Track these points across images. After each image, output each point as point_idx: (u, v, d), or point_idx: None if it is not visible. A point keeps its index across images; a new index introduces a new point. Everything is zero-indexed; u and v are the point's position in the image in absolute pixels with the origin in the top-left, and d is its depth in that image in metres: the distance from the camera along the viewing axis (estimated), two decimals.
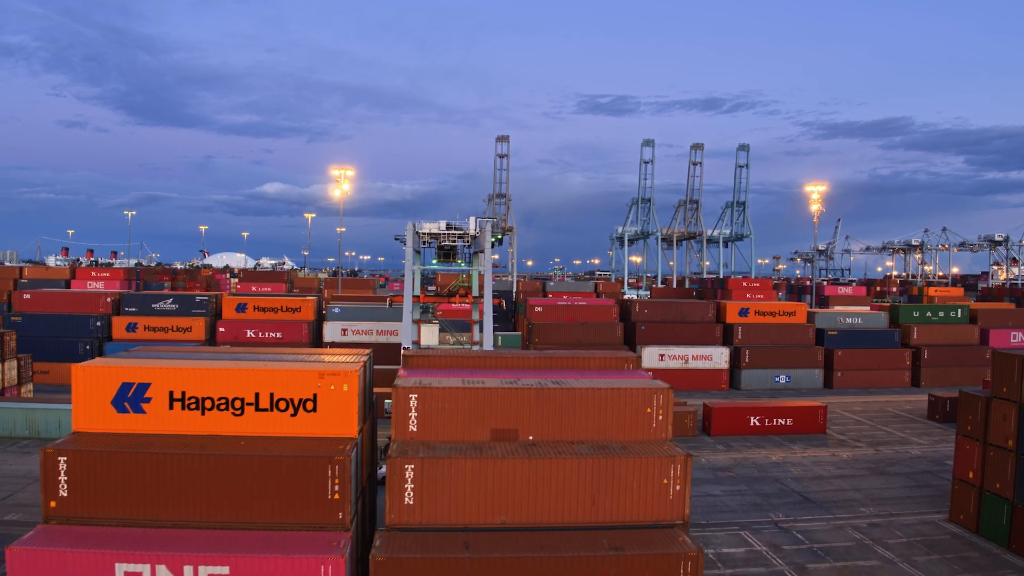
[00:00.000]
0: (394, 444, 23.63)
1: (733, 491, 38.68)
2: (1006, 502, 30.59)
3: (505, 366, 28.11)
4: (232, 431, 24.72)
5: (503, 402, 23.97)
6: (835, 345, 70.18)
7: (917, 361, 70.17)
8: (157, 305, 71.85)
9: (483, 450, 22.96)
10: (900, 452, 46.75)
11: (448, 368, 27.58)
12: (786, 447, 47.96)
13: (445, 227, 53.08)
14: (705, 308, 73.15)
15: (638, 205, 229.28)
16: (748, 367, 69.32)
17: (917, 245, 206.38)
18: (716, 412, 51.23)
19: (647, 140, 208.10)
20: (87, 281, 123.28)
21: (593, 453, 22.85)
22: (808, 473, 42.03)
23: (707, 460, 44.68)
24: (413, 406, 23.89)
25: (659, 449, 23.13)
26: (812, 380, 69.74)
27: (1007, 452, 30.53)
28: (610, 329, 70.76)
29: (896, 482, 40.39)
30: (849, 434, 51.72)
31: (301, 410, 24.50)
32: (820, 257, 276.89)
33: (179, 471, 23.10)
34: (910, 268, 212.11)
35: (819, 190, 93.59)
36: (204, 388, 24.80)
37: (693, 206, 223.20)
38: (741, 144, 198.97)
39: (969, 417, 32.87)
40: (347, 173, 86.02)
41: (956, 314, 72.86)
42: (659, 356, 68.93)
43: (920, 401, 62.13)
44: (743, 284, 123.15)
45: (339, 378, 24.33)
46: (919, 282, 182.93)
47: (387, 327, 70.66)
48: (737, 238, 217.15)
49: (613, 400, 24.03)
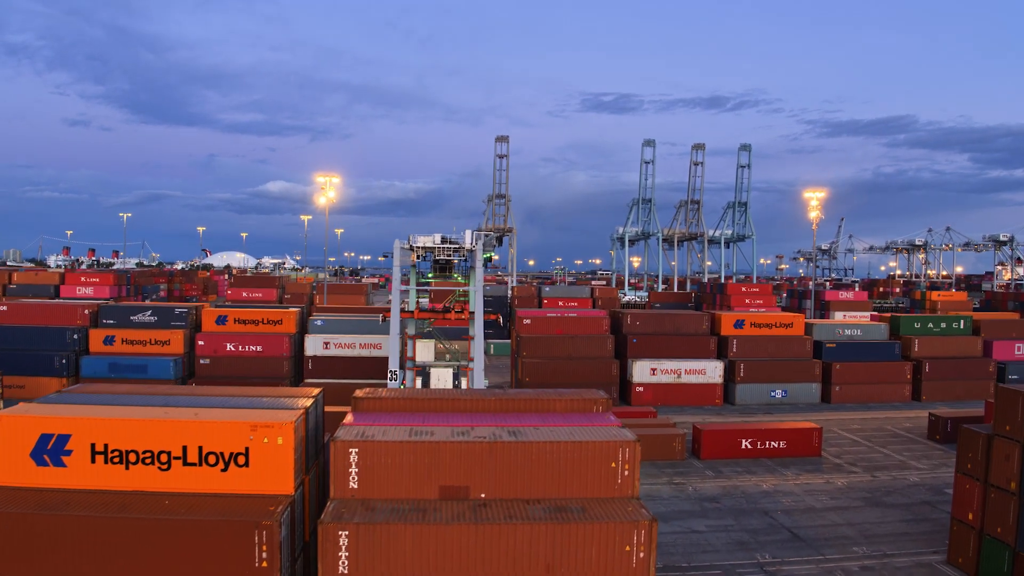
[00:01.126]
0: (332, 503, 21.54)
1: (719, 526, 36.50)
2: (1007, 548, 28.37)
3: (463, 408, 26.00)
4: (159, 487, 22.73)
5: (453, 457, 21.87)
6: (833, 358, 67.86)
7: (918, 374, 67.81)
8: (135, 317, 69.88)
9: (427, 513, 20.84)
10: (898, 479, 44.48)
11: (400, 412, 25.48)
12: (778, 473, 45.73)
13: (440, 240, 51.25)
14: (699, 320, 70.88)
15: (639, 205, 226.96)
16: (743, 381, 67.07)
17: (921, 245, 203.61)
18: (706, 435, 49.03)
19: (647, 140, 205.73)
20: (76, 286, 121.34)
21: (549, 517, 20.71)
22: (800, 504, 39.81)
23: (694, 489, 42.48)
24: (353, 461, 21.82)
25: (622, 511, 20.96)
26: (809, 395, 67.44)
27: (1009, 495, 28.31)
28: (600, 342, 68.56)
29: (892, 515, 38.14)
30: (845, 457, 49.47)
31: (232, 465, 22.46)
32: (823, 256, 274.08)
33: (93, 536, 21.06)
34: (913, 268, 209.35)
35: (818, 196, 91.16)
36: (128, 441, 22.78)
37: (694, 206, 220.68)
38: (743, 144, 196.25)
39: (969, 455, 30.64)
40: (332, 180, 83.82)
41: (959, 325, 70.46)
42: (651, 370, 66.75)
43: (920, 418, 59.80)
44: (743, 289, 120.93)
45: (273, 431, 22.26)
46: (922, 283, 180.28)
47: (371, 340, 68.66)
48: (739, 239, 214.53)
49: (574, 455, 21.89)
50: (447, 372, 55.42)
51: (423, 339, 55.73)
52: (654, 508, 39.16)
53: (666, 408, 65.39)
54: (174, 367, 65.83)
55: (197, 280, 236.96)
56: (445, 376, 55.22)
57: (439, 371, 55.72)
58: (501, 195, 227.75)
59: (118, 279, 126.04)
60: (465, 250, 51.44)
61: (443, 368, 55.51)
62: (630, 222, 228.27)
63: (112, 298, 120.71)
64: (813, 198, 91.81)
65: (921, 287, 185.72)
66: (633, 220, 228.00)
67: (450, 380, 54.75)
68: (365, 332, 69.26)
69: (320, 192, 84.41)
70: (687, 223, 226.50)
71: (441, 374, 55.46)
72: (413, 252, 51.87)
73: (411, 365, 57.37)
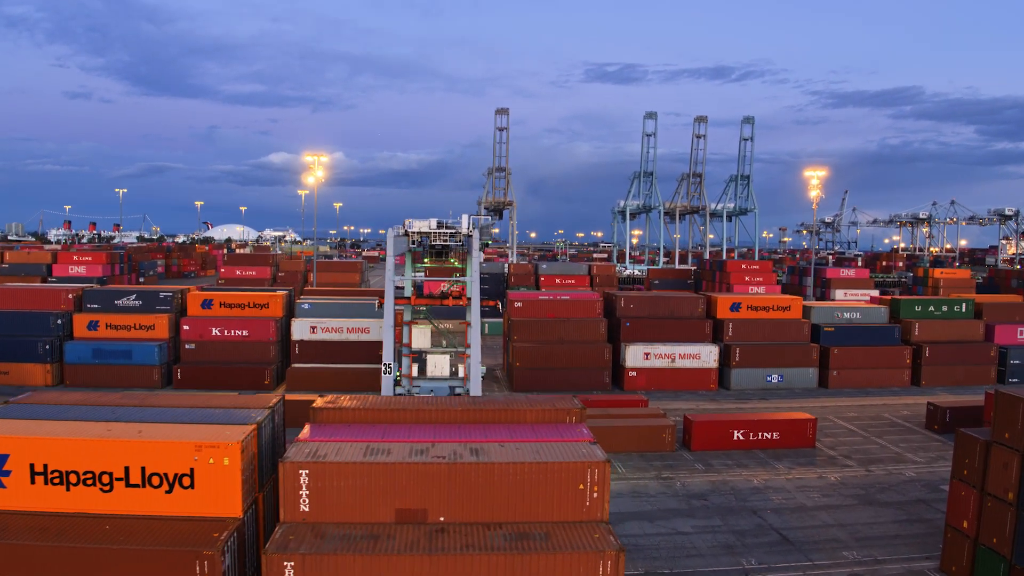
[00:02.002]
0: (280, 529, 20.24)
1: (706, 527, 35.31)
2: (1003, 560, 27.10)
3: (429, 419, 24.63)
4: (101, 509, 21.49)
5: (409, 480, 20.52)
6: (831, 342, 66.33)
7: (918, 359, 66.25)
8: (120, 302, 68.44)
9: (380, 541, 19.53)
10: (893, 473, 43.21)
11: (361, 425, 24.11)
12: (770, 466, 44.49)
13: (436, 226, 49.88)
14: (694, 303, 69.26)
15: (640, 179, 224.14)
16: (738, 366, 65.66)
17: (925, 219, 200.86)
18: (697, 426, 47.74)
19: (649, 113, 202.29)
20: (69, 265, 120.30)
21: (509, 546, 19.38)
22: (790, 502, 38.59)
23: (682, 484, 41.27)
24: (304, 483, 20.48)
25: (588, 539, 19.62)
26: (806, 379, 66.03)
27: (1006, 505, 26.95)
28: (593, 326, 67.08)
29: (886, 515, 36.89)
30: (840, 448, 48.19)
31: (177, 486, 21.19)
32: (826, 229, 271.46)
33: (28, 565, 19.81)
34: (917, 241, 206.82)
35: (819, 175, 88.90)
36: (69, 461, 21.51)
37: (696, 180, 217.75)
38: (746, 116, 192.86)
39: (966, 460, 29.24)
40: (321, 159, 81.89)
41: (960, 308, 68.71)
42: (644, 355, 65.36)
43: (919, 404, 58.45)
44: (742, 267, 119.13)
45: (218, 451, 20.91)
46: (926, 257, 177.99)
47: (359, 324, 67.34)
48: (741, 212, 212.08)
49: (538, 477, 20.50)
50: (444, 359, 54.21)
51: (419, 325, 54.51)
52: (640, 506, 38.09)
53: (660, 393, 64.18)
54: (159, 352, 64.65)
55: (195, 255, 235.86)
56: (442, 363, 53.98)
57: (436, 358, 54.49)
58: (501, 168, 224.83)
59: (111, 257, 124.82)
60: (462, 235, 50.09)
61: (440, 355, 54.50)
62: (631, 195, 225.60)
63: (105, 277, 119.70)
64: (814, 176, 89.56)
65: (924, 261, 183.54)
66: (634, 193, 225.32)
67: (447, 367, 53.67)
68: (354, 316, 67.97)
69: (309, 171, 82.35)
70: (689, 196, 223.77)
71: (438, 361, 54.24)
72: (408, 237, 50.54)
73: (407, 352, 56.37)
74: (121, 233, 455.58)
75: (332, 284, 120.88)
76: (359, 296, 75.05)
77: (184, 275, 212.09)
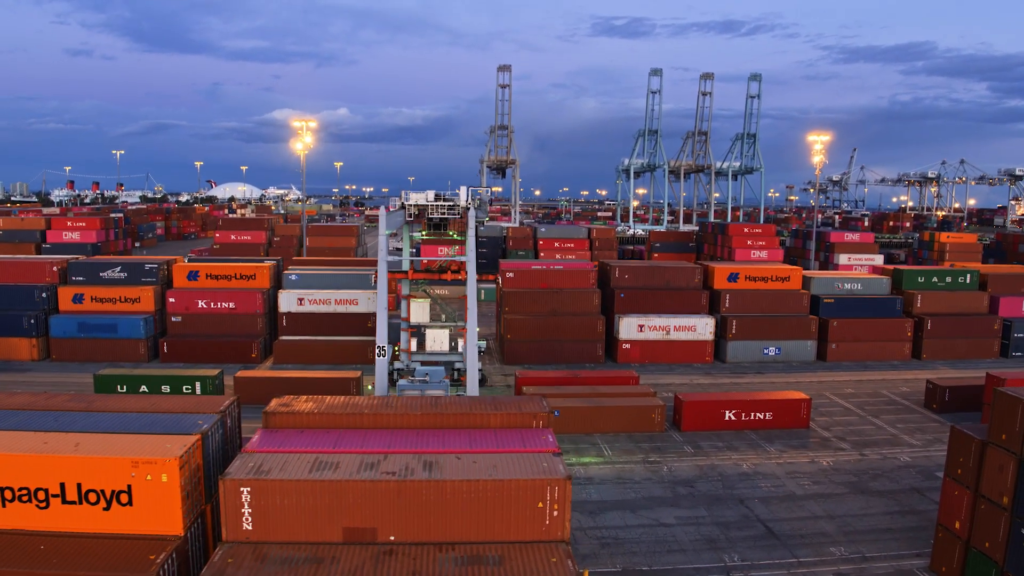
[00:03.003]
0: (220, 549, 19.07)
1: (690, 518, 34.23)
2: (994, 565, 25.90)
3: (386, 424, 23.31)
4: (37, 526, 20.37)
5: (358, 498, 19.24)
6: (831, 314, 64.67)
7: (919, 332, 64.61)
8: (105, 274, 67.17)
9: (323, 565, 18.35)
10: (888, 458, 42.00)
11: (315, 429, 22.81)
12: (762, 449, 43.33)
13: (434, 198, 48.40)
14: (691, 273, 67.50)
15: (645, 137, 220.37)
16: (735, 338, 64.20)
17: (933, 178, 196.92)
18: (688, 406, 46.49)
19: (654, 70, 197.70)
20: (63, 231, 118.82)
21: (459, 572, 18.17)
22: (779, 490, 37.47)
23: (669, 469, 40.17)
24: (246, 501, 19.22)
25: (545, 565, 18.39)
26: (804, 352, 64.60)
27: (1000, 510, 25.63)
28: (587, 297, 65.55)
29: (877, 505, 35.75)
30: (835, 429, 46.96)
31: (115, 503, 19.95)
32: (834, 188, 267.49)
33: None
34: (925, 201, 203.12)
35: (822, 140, 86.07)
36: (3, 476, 20.31)
37: (702, 138, 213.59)
38: (753, 74, 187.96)
39: (960, 459, 27.86)
40: (309, 124, 79.57)
41: (964, 279, 66.76)
42: (638, 327, 63.95)
43: (919, 380, 57.06)
44: (745, 231, 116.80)
45: (156, 467, 19.65)
46: (933, 217, 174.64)
47: (347, 296, 65.97)
48: (747, 171, 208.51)
49: (495, 495, 19.20)
50: (443, 333, 53.19)
51: (418, 299, 53.51)
52: (624, 493, 37.02)
53: (654, 366, 62.97)
54: (144, 326, 63.55)
55: (195, 217, 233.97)
56: (441, 338, 53.00)
57: (435, 332, 53.62)
58: (503, 126, 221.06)
59: (105, 223, 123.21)
60: (460, 208, 48.63)
61: (439, 329, 53.44)
62: (635, 153, 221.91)
63: (100, 243, 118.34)
64: (817, 141, 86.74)
65: (932, 222, 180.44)
66: (639, 151, 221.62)
67: (446, 342, 52.77)
68: (342, 287, 66.56)
69: (298, 136, 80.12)
70: (694, 155, 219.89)
71: (437, 335, 53.24)
72: (405, 210, 49.17)
73: (405, 326, 55.51)
74: (125, 192, 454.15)
75: (327, 248, 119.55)
76: (348, 267, 73.52)
77: (184, 237, 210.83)
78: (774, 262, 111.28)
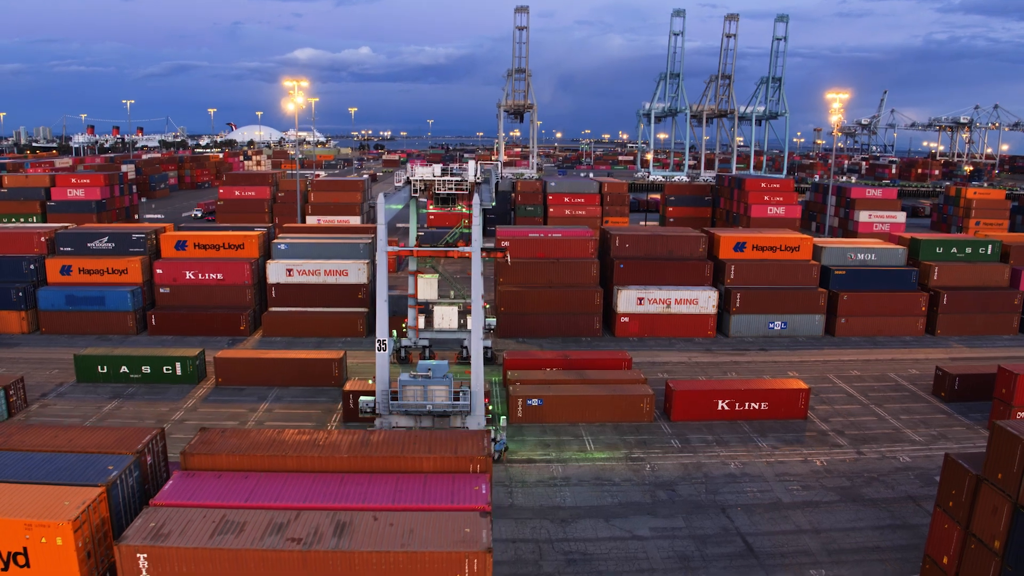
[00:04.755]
0: None
1: (665, 530, 32.40)
2: None
3: (310, 466, 21.46)
4: None
5: (260, 567, 17.48)
6: (841, 287, 61.49)
7: (934, 306, 61.28)
8: (93, 244, 65.78)
9: None
10: (886, 458, 39.64)
11: (235, 472, 21.03)
12: (753, 445, 41.19)
13: (440, 173, 46.16)
14: (695, 242, 64.39)
15: (666, 80, 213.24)
16: (739, 312, 61.48)
17: (966, 123, 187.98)
18: (678, 396, 44.32)
19: (677, 10, 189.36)
20: (67, 188, 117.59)
21: None
22: (765, 496, 35.45)
23: (652, 469, 38.25)
24: (144, 568, 17.61)
25: None
26: (811, 327, 61.75)
27: (991, 553, 23.36)
28: (584, 268, 62.89)
29: (867, 517, 33.61)
30: (834, 420, 44.58)
31: (12, 564, 18.46)
32: (863, 131, 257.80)
33: None
34: (956, 147, 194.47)
35: (841, 98, 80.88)
36: None
37: (725, 82, 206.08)
38: (780, 15, 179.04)
39: (952, 491, 25.49)
40: (301, 84, 76.32)
41: (986, 251, 62.90)
42: (637, 300, 61.40)
43: (930, 361, 54.29)
44: (762, 185, 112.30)
45: (49, 531, 18.02)
46: (963, 166, 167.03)
47: (336, 266, 64.03)
48: (771, 116, 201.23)
49: (406, 568, 17.31)
50: (452, 311, 52.86)
51: (425, 275, 52.13)
52: (600, 498, 35.16)
53: (653, 340, 60.72)
54: (132, 298, 62.30)
55: (209, 165, 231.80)
56: (450, 315, 52.86)
57: (443, 309, 53.10)
58: (520, 70, 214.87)
59: (110, 179, 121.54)
60: (468, 184, 46.36)
61: (447, 306, 52.88)
62: (656, 98, 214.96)
63: (104, 199, 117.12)
64: (836, 100, 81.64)
65: (961, 170, 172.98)
66: (660, 95, 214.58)
67: (455, 319, 52.60)
68: (332, 257, 64.53)
69: (289, 96, 77.06)
70: (717, 99, 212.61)
71: (446, 312, 53.00)
72: (410, 185, 47.00)
73: (413, 303, 54.34)
74: (144, 136, 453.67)
75: (332, 204, 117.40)
76: (339, 234, 71.31)
77: (198, 186, 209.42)
78: (790, 219, 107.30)
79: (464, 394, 37.86)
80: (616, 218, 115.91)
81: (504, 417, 40.31)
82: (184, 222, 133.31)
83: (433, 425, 38.11)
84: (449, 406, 37.66)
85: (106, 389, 49.41)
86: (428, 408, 37.59)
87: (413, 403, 37.62)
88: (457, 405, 37.70)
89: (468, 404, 37.70)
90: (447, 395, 37.66)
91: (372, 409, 38.63)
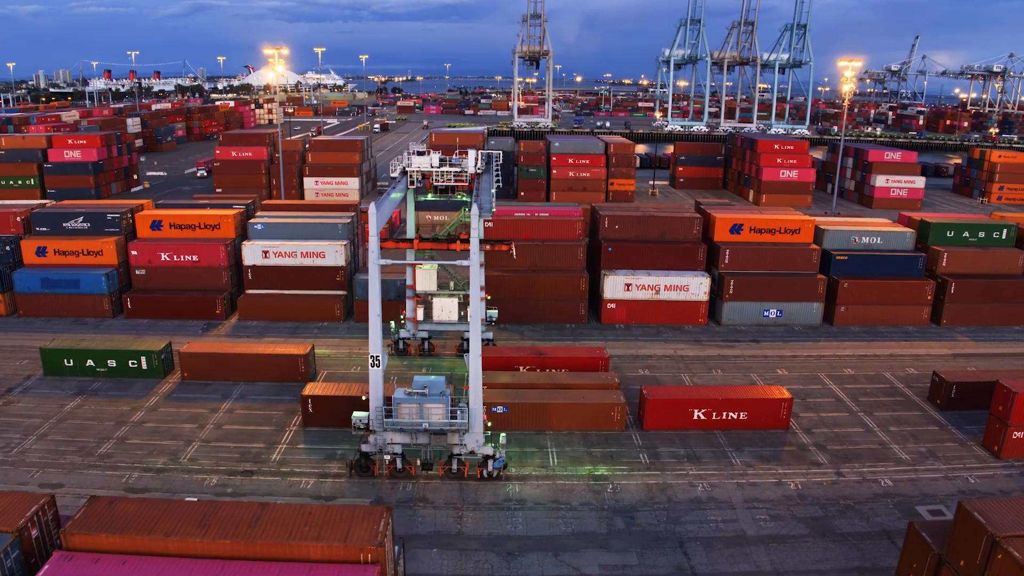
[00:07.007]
0: None
1: (615, 568, 30.55)
2: None
3: (193, 551, 19.68)
4: None
5: None
6: (842, 273, 58.14)
7: (941, 295, 57.77)
8: (68, 224, 64.14)
9: None
10: (867, 480, 37.20)
11: (117, 557, 19.30)
12: (727, 461, 38.95)
13: (438, 163, 43.68)
14: (688, 224, 61.06)
15: (687, 26, 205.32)
16: (732, 299, 58.56)
17: (999, 72, 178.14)
18: (651, 404, 42.02)
19: None
20: (63, 150, 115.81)
21: None
22: (728, 528, 33.35)
23: (613, 491, 36.21)
24: None
25: None
26: (809, 315, 58.68)
27: None
28: (571, 251, 60.08)
29: (836, 556, 31.36)
30: (817, 432, 42.08)
31: None
32: (892, 78, 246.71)
33: None
34: (988, 95, 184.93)
35: (854, 65, 75.55)
36: None
37: (748, 28, 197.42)
38: None
39: (913, 565, 23.17)
40: (281, 52, 72.87)
41: (1000, 235, 58.85)
42: (625, 285, 58.65)
43: (930, 358, 51.42)
44: (775, 147, 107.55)
45: None
46: (994, 117, 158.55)
47: (314, 248, 61.75)
48: (795, 64, 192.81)
49: None
50: (452, 302, 51.69)
51: (424, 266, 50.28)
52: (553, 526, 33.31)
53: (640, 328, 58.24)
54: (107, 281, 60.81)
55: (217, 115, 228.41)
56: (450, 307, 51.72)
57: (443, 301, 51.91)
58: (536, 15, 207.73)
59: (107, 139, 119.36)
60: (467, 175, 43.83)
61: (447, 298, 51.71)
62: (676, 44, 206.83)
63: (101, 160, 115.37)
64: (848, 67, 76.29)
65: (992, 121, 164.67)
66: (680, 42, 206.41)
67: (455, 311, 51.54)
68: (309, 238, 62.22)
69: (269, 65, 73.70)
70: (739, 46, 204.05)
71: (445, 304, 51.84)
72: (408, 176, 44.58)
73: (411, 294, 52.87)
74: (161, 80, 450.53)
75: (330, 165, 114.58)
76: (318, 213, 68.73)
77: (206, 137, 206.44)
78: (803, 182, 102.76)
79: (462, 412, 36.07)
80: (622, 180, 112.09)
81: (504, 435, 38.42)
82: (186, 181, 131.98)
83: (430, 442, 36.64)
84: (446, 424, 35.92)
85: (72, 384, 48.41)
86: (424, 426, 35.91)
87: (408, 421, 35.93)
88: (455, 423, 35.94)
89: (466, 422, 35.95)
90: (444, 413, 35.83)
91: (366, 426, 36.82)
